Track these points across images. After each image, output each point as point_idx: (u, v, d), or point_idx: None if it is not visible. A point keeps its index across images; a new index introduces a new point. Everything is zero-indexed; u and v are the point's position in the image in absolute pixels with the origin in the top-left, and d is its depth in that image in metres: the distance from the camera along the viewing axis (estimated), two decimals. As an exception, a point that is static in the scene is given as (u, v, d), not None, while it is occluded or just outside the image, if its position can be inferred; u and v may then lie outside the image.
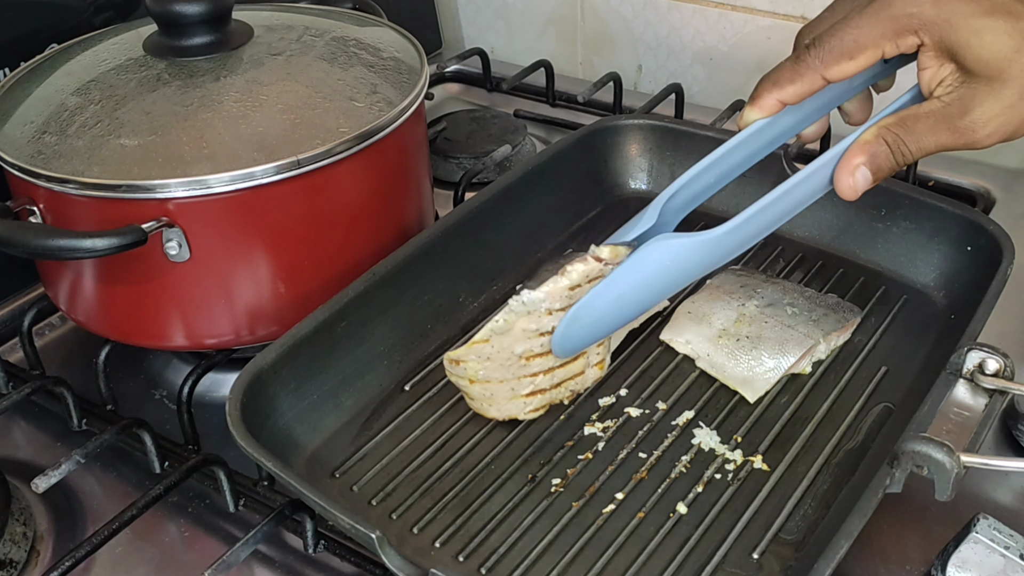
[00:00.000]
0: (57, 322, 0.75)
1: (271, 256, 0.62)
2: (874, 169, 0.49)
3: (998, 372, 0.53)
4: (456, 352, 0.58)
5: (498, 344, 0.56)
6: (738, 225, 0.51)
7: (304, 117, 0.63)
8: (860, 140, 0.49)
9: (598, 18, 1.06)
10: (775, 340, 0.64)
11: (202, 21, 0.66)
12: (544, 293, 0.55)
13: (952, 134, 0.47)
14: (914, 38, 0.46)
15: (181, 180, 0.58)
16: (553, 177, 0.75)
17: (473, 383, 0.58)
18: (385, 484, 0.57)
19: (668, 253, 0.51)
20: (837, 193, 0.50)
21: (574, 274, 0.54)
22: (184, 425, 0.62)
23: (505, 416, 0.60)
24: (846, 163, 0.49)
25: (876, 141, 0.48)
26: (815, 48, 0.48)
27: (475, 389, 0.59)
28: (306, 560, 0.56)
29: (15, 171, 0.60)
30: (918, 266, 0.70)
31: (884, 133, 0.48)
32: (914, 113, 0.48)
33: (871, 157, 0.48)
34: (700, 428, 0.60)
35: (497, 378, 0.58)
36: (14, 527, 0.57)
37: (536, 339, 0.57)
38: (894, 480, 0.47)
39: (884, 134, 0.48)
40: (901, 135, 0.48)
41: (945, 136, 0.47)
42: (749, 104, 0.51)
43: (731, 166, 0.55)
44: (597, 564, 0.52)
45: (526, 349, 0.57)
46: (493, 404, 0.59)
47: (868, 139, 0.48)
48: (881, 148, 0.48)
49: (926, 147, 0.48)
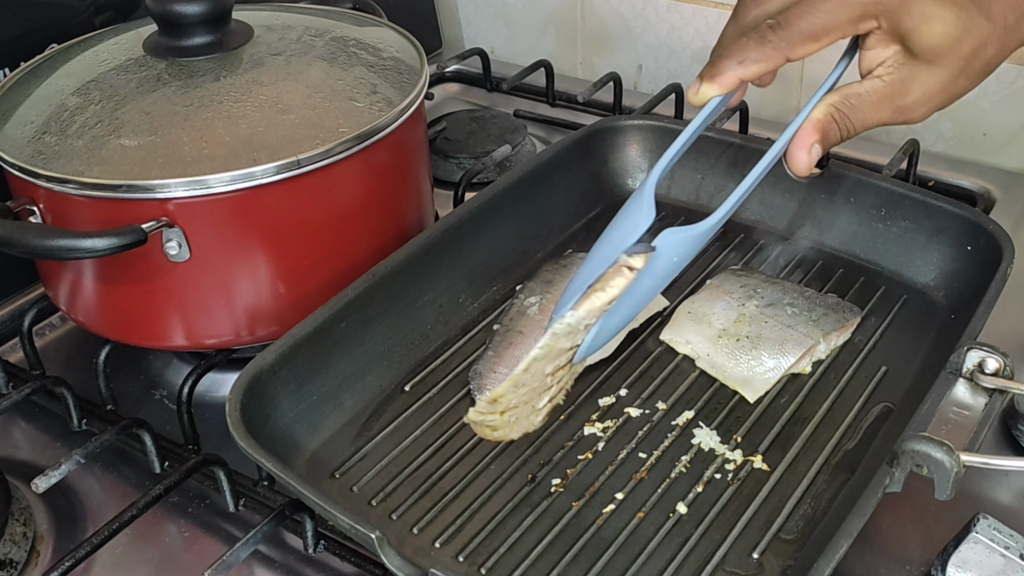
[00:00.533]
0: (57, 322, 0.75)
1: (271, 256, 0.62)
2: (825, 145, 0.51)
3: (998, 371, 0.53)
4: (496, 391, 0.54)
5: (534, 369, 0.55)
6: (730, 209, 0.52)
7: (304, 117, 0.63)
8: (812, 118, 0.50)
9: (598, 18, 1.06)
10: (775, 340, 0.64)
11: (202, 21, 0.66)
12: (585, 312, 0.53)
13: (892, 112, 0.50)
14: (873, 22, 0.48)
15: (181, 180, 0.58)
16: (553, 177, 0.75)
17: (503, 414, 0.56)
18: (385, 484, 0.57)
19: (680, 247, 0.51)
20: (791, 170, 0.51)
21: (615, 290, 0.53)
22: (184, 425, 0.62)
23: (521, 434, 0.57)
24: (802, 141, 0.50)
25: (826, 119, 0.50)
26: (782, 30, 0.49)
27: (502, 419, 0.56)
28: (306, 560, 0.56)
29: (15, 171, 0.60)
30: (918, 266, 0.70)
31: (831, 111, 0.50)
32: (856, 91, 0.50)
33: (823, 134, 0.50)
34: (700, 428, 0.60)
35: (523, 401, 0.56)
36: (14, 527, 0.57)
37: (565, 355, 0.56)
38: (894, 479, 0.47)
39: (831, 112, 0.50)
40: (846, 112, 0.50)
41: (886, 113, 0.50)
42: (707, 81, 0.51)
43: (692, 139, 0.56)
44: (597, 564, 0.52)
45: (555, 366, 0.56)
46: (516, 428, 0.57)
47: (819, 117, 0.50)
48: (831, 125, 0.50)
49: (868, 123, 0.50)
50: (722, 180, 0.77)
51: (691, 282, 0.71)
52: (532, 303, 0.68)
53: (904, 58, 0.49)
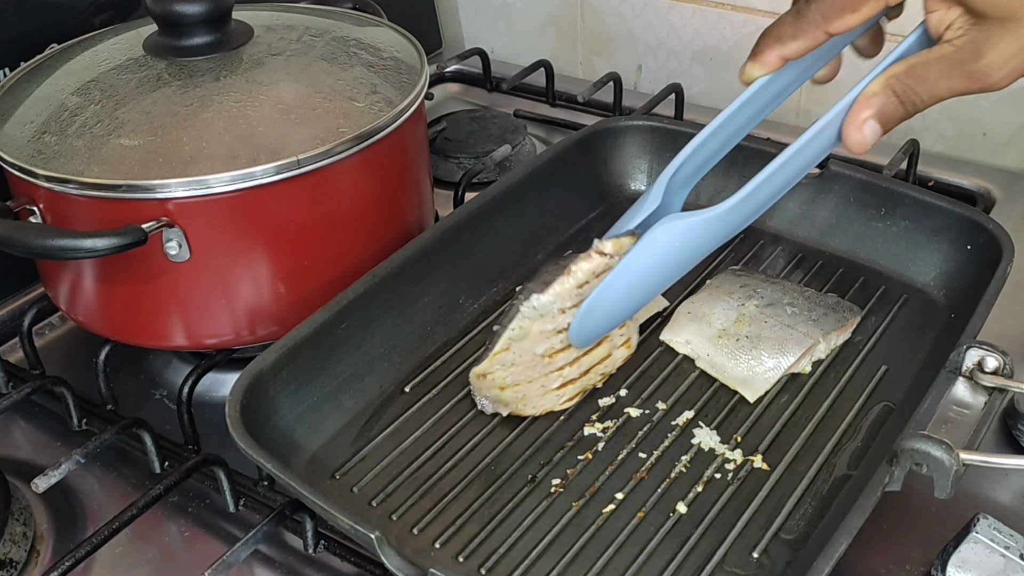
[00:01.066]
0: (57, 322, 0.75)
1: (271, 256, 0.62)
2: (883, 121, 0.47)
3: (997, 370, 0.53)
4: (480, 367, 0.58)
5: (518, 349, 0.57)
6: (747, 196, 0.49)
7: (304, 117, 0.63)
8: (866, 93, 0.47)
9: (598, 18, 1.06)
10: (775, 340, 0.64)
11: (202, 21, 0.66)
12: (553, 295, 0.55)
13: (966, 79, 0.45)
14: None
15: (181, 180, 0.58)
16: (553, 178, 0.75)
17: (504, 390, 0.59)
18: (385, 485, 0.57)
19: (676, 234, 0.50)
20: (846, 148, 0.48)
21: (580, 273, 0.54)
22: (184, 425, 0.62)
23: (542, 411, 0.61)
24: (853, 118, 0.47)
25: (884, 92, 0.47)
26: (816, 2, 0.46)
27: (507, 395, 0.60)
28: (306, 560, 0.56)
29: (15, 171, 0.60)
30: (918, 265, 0.70)
31: (892, 83, 0.46)
32: (924, 60, 0.46)
33: (879, 110, 0.47)
34: (700, 428, 0.60)
35: (525, 379, 0.59)
36: (14, 527, 0.57)
37: (555, 337, 0.57)
38: (893, 478, 0.47)
39: (892, 84, 0.46)
40: (911, 84, 0.46)
41: (959, 81, 0.45)
42: (751, 60, 0.49)
43: (735, 129, 0.53)
44: (597, 564, 0.52)
45: (547, 348, 0.58)
46: (528, 403, 0.60)
47: (875, 91, 0.47)
48: (890, 99, 0.47)
49: (939, 93, 0.46)
50: (722, 180, 0.77)
51: (691, 282, 0.71)
52: (532, 303, 0.68)
53: (972, 18, 0.44)
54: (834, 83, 0.53)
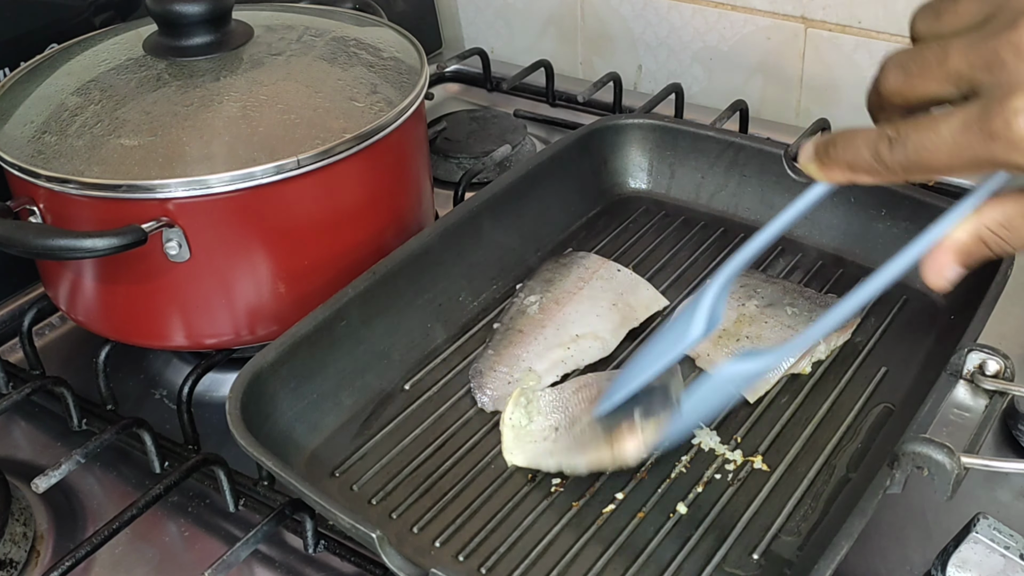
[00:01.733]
0: (57, 322, 0.75)
1: (271, 256, 0.62)
2: (968, 264, 0.43)
3: (998, 373, 0.53)
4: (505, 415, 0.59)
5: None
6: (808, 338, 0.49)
7: (304, 117, 0.63)
8: (954, 241, 0.42)
9: (598, 18, 1.06)
10: (775, 340, 0.64)
11: (202, 21, 0.66)
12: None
13: None
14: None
15: (181, 180, 0.58)
16: (553, 177, 0.75)
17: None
18: (385, 483, 0.57)
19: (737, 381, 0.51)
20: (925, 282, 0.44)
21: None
22: (184, 425, 0.62)
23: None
24: (936, 263, 0.43)
25: (974, 242, 0.42)
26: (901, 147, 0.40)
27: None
28: (306, 560, 0.56)
29: (15, 171, 0.60)
30: (918, 266, 0.70)
31: (984, 234, 0.42)
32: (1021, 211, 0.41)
33: (967, 255, 0.42)
34: (700, 428, 0.60)
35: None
36: (14, 527, 0.57)
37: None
38: (894, 481, 0.47)
39: (984, 235, 0.42)
40: (1006, 236, 0.41)
41: None
42: (817, 163, 0.44)
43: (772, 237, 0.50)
44: (597, 564, 0.52)
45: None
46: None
47: (964, 240, 0.42)
48: (978, 248, 0.42)
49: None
50: (722, 179, 0.77)
51: (691, 282, 0.72)
52: (532, 302, 0.68)
53: None
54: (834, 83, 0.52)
